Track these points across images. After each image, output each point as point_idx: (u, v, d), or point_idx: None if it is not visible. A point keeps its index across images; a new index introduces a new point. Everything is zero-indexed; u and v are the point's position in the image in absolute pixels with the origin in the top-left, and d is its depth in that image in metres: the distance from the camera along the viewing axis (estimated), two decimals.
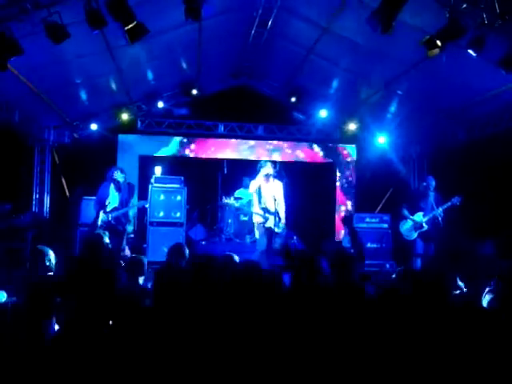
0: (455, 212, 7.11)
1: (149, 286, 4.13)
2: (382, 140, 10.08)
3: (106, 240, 4.48)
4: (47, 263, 3.87)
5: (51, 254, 3.93)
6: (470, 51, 5.02)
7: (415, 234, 7.23)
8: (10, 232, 7.52)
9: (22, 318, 3.36)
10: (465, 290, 3.96)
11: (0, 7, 4.48)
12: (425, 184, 7.38)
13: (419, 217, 7.21)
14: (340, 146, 11.06)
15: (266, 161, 7.18)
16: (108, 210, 6.80)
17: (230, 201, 7.00)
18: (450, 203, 7.06)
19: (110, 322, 3.02)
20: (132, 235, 9.03)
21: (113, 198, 6.91)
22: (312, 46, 7.52)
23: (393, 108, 9.05)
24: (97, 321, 2.84)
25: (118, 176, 6.93)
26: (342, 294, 3.07)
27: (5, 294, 3.87)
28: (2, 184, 8.20)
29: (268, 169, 6.71)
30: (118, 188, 6.94)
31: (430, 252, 7.20)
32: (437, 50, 5.05)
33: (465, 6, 4.80)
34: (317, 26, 6.90)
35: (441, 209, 7.09)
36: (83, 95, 8.33)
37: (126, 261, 4.49)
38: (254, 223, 6.91)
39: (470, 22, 4.87)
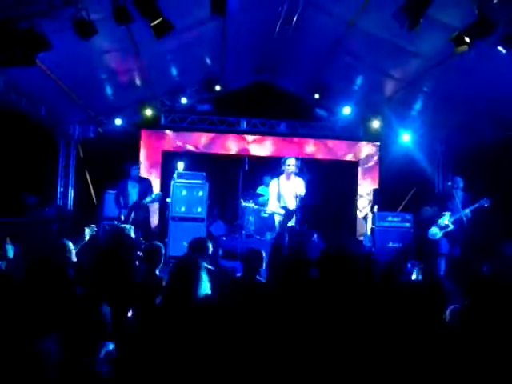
0: (482, 213, 6.98)
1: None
2: (406, 138, 9.93)
3: (132, 234, 4.53)
4: (67, 255, 3.92)
5: (71, 247, 3.98)
6: (500, 48, 4.89)
7: (440, 234, 7.14)
8: (35, 224, 7.69)
9: None
10: None
11: (30, 3, 4.55)
12: (450, 183, 7.27)
13: (446, 217, 7.10)
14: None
15: (288, 157, 7.16)
16: (129, 205, 7.25)
17: (249, 204, 7.19)
18: (477, 204, 6.93)
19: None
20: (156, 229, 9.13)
21: (131, 194, 7.35)
22: (337, 42, 7.43)
23: (418, 105, 8.89)
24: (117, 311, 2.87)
25: (135, 172, 7.59)
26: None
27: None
28: (28, 177, 8.38)
29: (290, 166, 6.69)
30: (135, 183, 7.48)
31: (456, 252, 7.10)
32: (465, 47, 4.92)
33: (495, 1, 4.68)
34: (342, 22, 6.82)
35: (468, 210, 6.97)
36: (108, 90, 8.42)
37: (143, 250, 4.47)
38: (275, 220, 6.91)
39: (500, 18, 4.75)
